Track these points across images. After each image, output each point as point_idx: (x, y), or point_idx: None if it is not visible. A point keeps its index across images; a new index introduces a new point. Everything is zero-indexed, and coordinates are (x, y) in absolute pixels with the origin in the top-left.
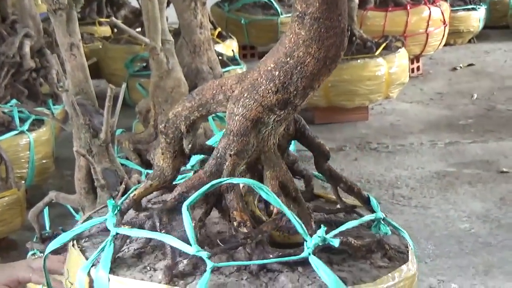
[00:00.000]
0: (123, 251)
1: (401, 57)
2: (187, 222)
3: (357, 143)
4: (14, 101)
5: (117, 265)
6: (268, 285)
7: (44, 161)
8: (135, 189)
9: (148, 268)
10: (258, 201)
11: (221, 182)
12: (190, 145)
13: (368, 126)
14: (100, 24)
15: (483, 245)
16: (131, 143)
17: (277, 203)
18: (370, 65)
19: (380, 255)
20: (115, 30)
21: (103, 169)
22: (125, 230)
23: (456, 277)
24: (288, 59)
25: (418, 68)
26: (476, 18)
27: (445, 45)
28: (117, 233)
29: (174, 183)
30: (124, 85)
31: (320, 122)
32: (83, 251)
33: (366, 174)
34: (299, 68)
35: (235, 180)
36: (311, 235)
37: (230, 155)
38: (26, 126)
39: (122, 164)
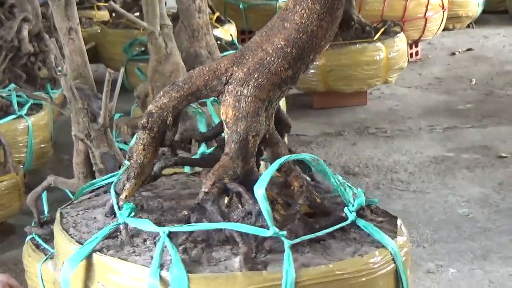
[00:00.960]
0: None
1: (399, 42)
2: (264, 205)
3: (356, 127)
4: (12, 85)
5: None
6: (329, 251)
7: (42, 145)
8: (120, 189)
9: (216, 260)
10: None
11: (286, 159)
12: (177, 136)
13: (366, 111)
14: (99, 8)
15: (482, 230)
16: (130, 127)
17: (331, 175)
18: (368, 50)
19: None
20: (114, 14)
21: (101, 154)
22: (178, 228)
23: (454, 262)
24: (301, 34)
25: (416, 53)
26: (475, 3)
27: (443, 30)
28: (170, 232)
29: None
30: (122, 70)
31: (318, 107)
32: (123, 258)
33: (364, 158)
34: (311, 42)
35: (298, 156)
36: None
37: (253, 136)
38: (24, 111)
39: (120, 149)
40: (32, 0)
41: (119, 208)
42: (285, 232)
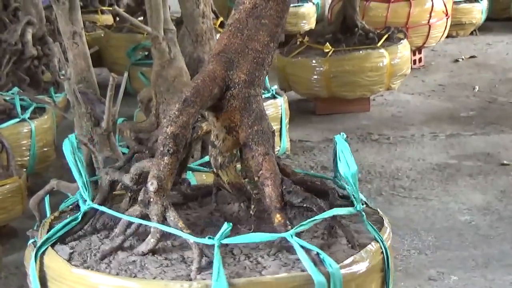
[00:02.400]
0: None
1: (403, 49)
2: None
3: (358, 134)
4: (15, 88)
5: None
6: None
7: (45, 149)
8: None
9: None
10: None
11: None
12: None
13: (369, 117)
14: (103, 12)
15: (483, 238)
16: (133, 132)
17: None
18: (372, 56)
19: None
20: (117, 18)
21: (104, 158)
22: (232, 239)
23: (456, 270)
24: (277, 28)
25: (420, 59)
26: (478, 10)
27: (447, 37)
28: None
29: None
30: (126, 74)
31: (321, 113)
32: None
33: (367, 165)
34: (280, 33)
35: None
36: None
37: (273, 132)
38: (27, 114)
39: (123, 153)
40: (36, 3)
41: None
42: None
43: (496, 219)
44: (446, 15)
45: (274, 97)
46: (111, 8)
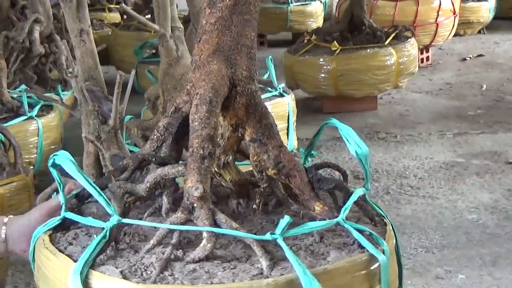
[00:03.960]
0: None
1: (410, 47)
2: None
3: (366, 132)
4: (23, 86)
5: None
6: None
7: (52, 146)
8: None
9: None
10: None
11: None
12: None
13: (376, 116)
14: (110, 10)
15: (491, 236)
16: (140, 130)
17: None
18: (379, 55)
19: None
20: (125, 16)
21: (111, 156)
22: (293, 232)
23: (463, 268)
24: (257, 21)
25: (427, 58)
26: (486, 8)
27: (454, 35)
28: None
29: None
30: (133, 72)
31: (328, 111)
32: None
33: (374, 163)
34: None
35: None
36: None
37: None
38: (35, 112)
39: (130, 151)
40: (43, 1)
41: None
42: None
43: (504, 217)
44: (454, 13)
45: (281, 95)
46: (118, 6)
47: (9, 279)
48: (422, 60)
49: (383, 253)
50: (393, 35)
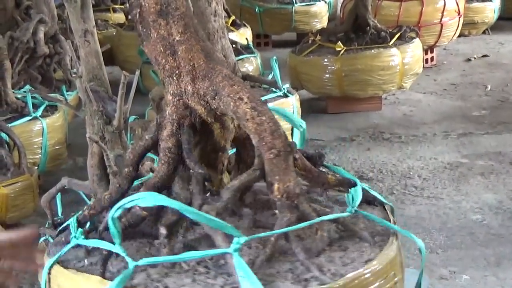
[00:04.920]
0: None
1: (415, 48)
2: None
3: (370, 133)
4: (27, 86)
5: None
6: None
7: (57, 147)
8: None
9: None
10: None
11: None
12: None
13: (381, 116)
14: (114, 10)
15: (495, 237)
16: (144, 130)
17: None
18: (384, 55)
19: None
20: (129, 17)
21: (115, 156)
22: None
23: (467, 269)
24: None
25: (432, 58)
26: (491, 9)
27: (459, 36)
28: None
29: None
30: (137, 72)
31: (333, 111)
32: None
33: (378, 164)
34: None
35: None
36: None
37: None
38: (39, 112)
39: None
40: (48, 2)
41: None
42: None
43: (508, 218)
44: (458, 14)
45: (286, 95)
46: (123, 6)
47: (14, 279)
48: (426, 60)
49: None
50: (397, 35)
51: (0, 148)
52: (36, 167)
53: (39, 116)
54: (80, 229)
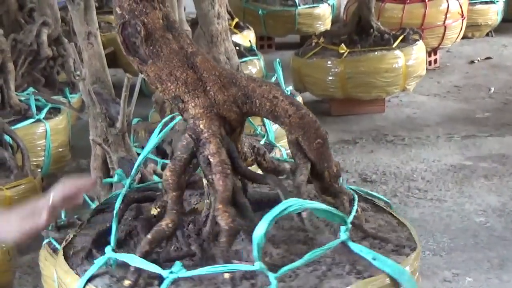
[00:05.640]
0: None
1: (418, 50)
2: None
3: (374, 135)
4: (31, 89)
5: None
6: None
7: (60, 149)
8: None
9: None
10: None
11: None
12: None
13: (384, 119)
14: None
15: (499, 239)
16: (147, 132)
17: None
18: (387, 57)
19: None
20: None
21: (119, 158)
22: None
23: (471, 271)
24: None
25: (435, 61)
26: (494, 11)
27: (462, 38)
28: None
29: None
30: (141, 75)
31: (336, 114)
32: None
33: (382, 166)
34: None
35: None
36: None
37: None
38: (42, 115)
39: (138, 154)
40: (51, 4)
41: None
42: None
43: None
44: (462, 16)
45: None
46: None
47: (17, 282)
48: (430, 62)
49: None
50: (401, 37)
51: (4, 150)
52: (39, 170)
53: (43, 118)
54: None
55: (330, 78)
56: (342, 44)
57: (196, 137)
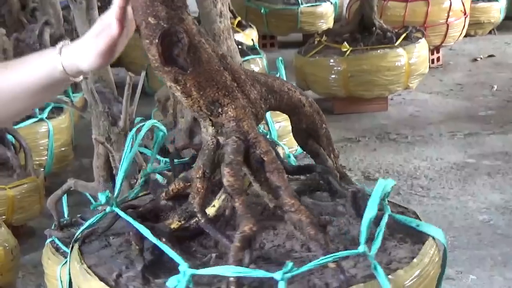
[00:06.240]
0: None
1: (421, 48)
2: None
3: (376, 133)
4: None
5: None
6: None
7: (63, 148)
8: None
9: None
10: None
11: None
12: None
13: (387, 117)
14: None
15: (502, 237)
16: (150, 131)
17: None
18: (390, 56)
19: None
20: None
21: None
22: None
23: (474, 269)
24: None
25: (438, 59)
26: (497, 9)
27: (465, 36)
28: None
29: None
30: (143, 73)
31: (339, 112)
32: None
33: (385, 164)
34: None
35: None
36: None
37: None
38: (45, 114)
39: (140, 152)
40: (54, 3)
41: None
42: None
43: None
44: (464, 14)
45: None
46: None
47: (20, 281)
48: (432, 60)
49: None
50: (403, 36)
51: (6, 150)
52: (42, 169)
53: (45, 118)
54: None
55: (333, 76)
56: (345, 43)
57: (244, 138)
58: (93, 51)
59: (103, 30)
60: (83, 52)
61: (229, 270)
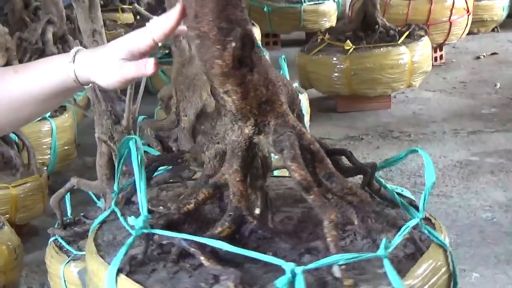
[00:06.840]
0: None
1: (424, 46)
2: None
3: (379, 131)
4: None
5: None
6: None
7: (66, 147)
8: None
9: None
10: None
11: None
12: None
13: (390, 115)
14: (123, 11)
15: (505, 235)
16: (153, 130)
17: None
18: (392, 54)
19: None
20: (138, 17)
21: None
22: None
23: (477, 267)
24: None
25: (441, 56)
26: (500, 6)
27: (468, 33)
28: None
29: None
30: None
31: (342, 110)
32: None
33: None
34: None
35: None
36: None
37: None
38: (48, 113)
39: (144, 152)
40: (56, 2)
41: None
42: None
43: None
44: (467, 12)
45: None
46: (131, 7)
47: (23, 280)
48: (435, 58)
49: None
50: (406, 33)
51: (10, 148)
52: (45, 168)
53: (48, 116)
54: None
55: (336, 74)
56: (348, 41)
57: (294, 132)
58: (116, 76)
59: (134, 58)
60: (103, 70)
61: (339, 258)
